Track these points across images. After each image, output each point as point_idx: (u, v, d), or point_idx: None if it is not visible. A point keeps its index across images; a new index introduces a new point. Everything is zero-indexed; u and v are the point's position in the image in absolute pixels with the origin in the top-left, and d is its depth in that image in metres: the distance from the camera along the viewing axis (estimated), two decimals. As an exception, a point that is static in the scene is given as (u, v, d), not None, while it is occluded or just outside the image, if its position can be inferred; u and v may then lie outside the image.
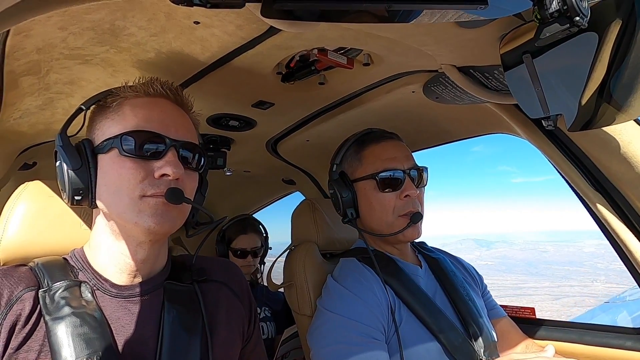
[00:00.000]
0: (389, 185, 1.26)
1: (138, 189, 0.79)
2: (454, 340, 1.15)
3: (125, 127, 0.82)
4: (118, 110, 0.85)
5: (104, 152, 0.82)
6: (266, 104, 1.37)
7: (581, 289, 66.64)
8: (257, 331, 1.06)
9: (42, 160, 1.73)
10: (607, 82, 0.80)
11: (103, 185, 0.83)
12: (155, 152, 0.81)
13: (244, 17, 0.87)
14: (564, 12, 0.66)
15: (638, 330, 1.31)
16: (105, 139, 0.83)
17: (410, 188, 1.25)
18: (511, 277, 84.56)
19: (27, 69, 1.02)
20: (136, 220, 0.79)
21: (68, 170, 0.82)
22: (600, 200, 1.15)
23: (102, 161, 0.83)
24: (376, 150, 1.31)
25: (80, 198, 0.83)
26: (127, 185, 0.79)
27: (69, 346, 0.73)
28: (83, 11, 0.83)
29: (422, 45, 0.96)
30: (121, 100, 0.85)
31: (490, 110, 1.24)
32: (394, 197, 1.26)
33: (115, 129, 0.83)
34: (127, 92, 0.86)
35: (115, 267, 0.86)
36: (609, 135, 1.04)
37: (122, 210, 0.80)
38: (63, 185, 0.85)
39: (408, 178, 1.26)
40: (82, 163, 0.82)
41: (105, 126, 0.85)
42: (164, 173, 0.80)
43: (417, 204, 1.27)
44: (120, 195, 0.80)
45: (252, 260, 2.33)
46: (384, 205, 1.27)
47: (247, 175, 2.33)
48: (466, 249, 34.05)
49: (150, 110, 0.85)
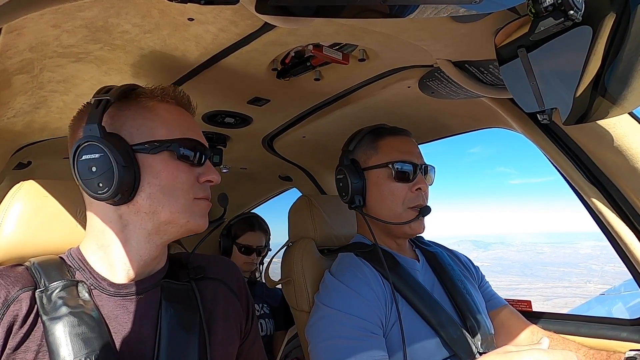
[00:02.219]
0: (403, 176, 1.30)
1: (192, 191, 0.86)
2: (452, 333, 1.16)
3: (172, 132, 0.86)
4: (154, 111, 0.86)
5: (151, 152, 0.83)
6: (262, 101, 1.37)
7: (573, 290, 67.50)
8: (255, 328, 1.07)
9: (36, 160, 1.72)
10: (601, 76, 0.80)
11: (156, 185, 0.83)
12: (201, 159, 0.88)
13: (239, 14, 0.87)
14: (559, 6, 0.67)
15: (633, 322, 1.32)
16: (153, 140, 0.83)
17: (423, 182, 1.30)
18: (506, 278, 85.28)
19: (20, 68, 1.01)
20: (188, 219, 0.86)
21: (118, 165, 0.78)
22: (595, 193, 1.16)
23: (148, 160, 0.83)
24: (393, 141, 1.35)
25: (121, 195, 0.80)
26: (182, 187, 0.85)
27: (66, 346, 0.73)
28: (76, 8, 0.82)
29: (418, 40, 0.96)
30: (154, 102, 0.87)
31: (485, 104, 1.25)
32: (405, 188, 1.30)
33: (162, 132, 0.85)
34: (157, 94, 0.89)
35: (115, 266, 0.85)
36: (603, 128, 1.04)
37: (176, 209, 0.84)
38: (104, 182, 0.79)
39: (421, 173, 1.31)
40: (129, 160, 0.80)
41: (144, 126, 0.84)
42: (209, 179, 0.89)
43: (425, 198, 1.32)
44: (176, 196, 0.84)
45: (256, 258, 2.35)
46: (395, 195, 1.30)
47: (244, 173, 2.32)
48: (464, 250, 34.83)
49: (186, 119, 0.91)
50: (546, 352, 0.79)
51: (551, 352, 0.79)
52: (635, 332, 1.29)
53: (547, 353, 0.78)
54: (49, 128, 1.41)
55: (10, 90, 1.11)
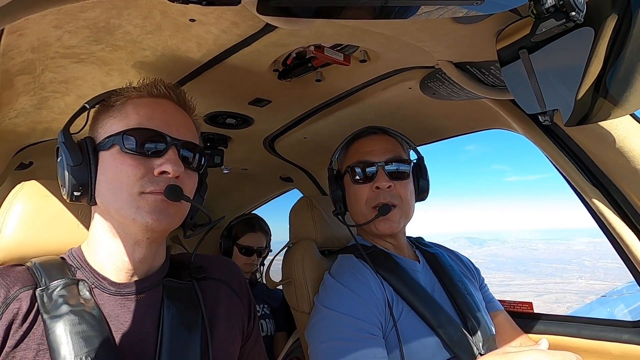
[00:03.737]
0: (361, 177, 1.30)
1: (137, 185, 0.80)
2: (453, 334, 1.15)
3: (127, 124, 0.83)
4: (121, 109, 0.86)
5: (105, 149, 0.83)
6: (263, 102, 1.37)
7: (564, 286, 67.53)
8: (257, 328, 1.07)
9: (38, 160, 1.72)
10: (603, 77, 0.80)
11: (103, 182, 0.83)
12: (156, 150, 0.82)
13: (240, 15, 0.87)
14: (560, 7, 0.67)
15: (635, 324, 1.32)
16: (107, 136, 0.83)
17: (382, 180, 1.27)
18: (499, 274, 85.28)
19: (22, 68, 1.01)
20: (134, 217, 0.80)
21: (68, 166, 0.82)
22: (597, 195, 1.16)
23: (103, 158, 0.84)
24: (357, 144, 1.36)
25: (80, 194, 0.83)
26: (126, 182, 0.80)
27: (67, 344, 0.73)
28: (78, 9, 0.82)
29: (419, 41, 0.96)
30: (124, 99, 0.87)
31: (487, 106, 1.25)
32: (367, 188, 1.29)
33: (117, 127, 0.83)
34: (131, 92, 0.87)
35: (113, 266, 0.86)
36: (605, 130, 1.04)
37: (120, 206, 0.81)
38: (63, 181, 0.85)
39: (381, 171, 1.28)
40: (83, 159, 0.83)
41: (107, 124, 0.86)
42: (163, 170, 0.81)
43: (390, 196, 1.28)
44: (120, 191, 0.80)
45: (256, 259, 2.35)
46: (357, 196, 1.32)
47: (245, 173, 2.32)
48: (459, 247, 34.73)
49: (152, 110, 0.86)
50: (546, 352, 0.79)
51: (551, 352, 0.79)
52: (637, 334, 1.29)
53: (547, 353, 0.79)
54: (50, 128, 1.42)
55: (12, 91, 1.11)
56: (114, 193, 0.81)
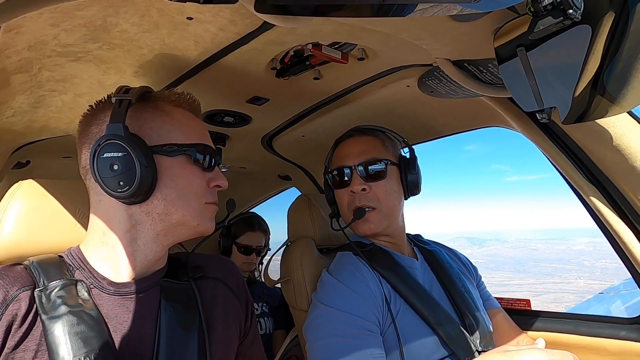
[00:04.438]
0: (339, 182, 1.34)
1: (204, 196, 0.90)
2: (451, 331, 1.16)
3: (189, 137, 0.89)
4: (171, 115, 0.89)
5: (169, 155, 0.85)
6: (261, 100, 1.37)
7: (563, 286, 67.93)
8: (255, 327, 1.07)
9: (35, 159, 1.72)
10: (600, 75, 0.80)
11: (172, 187, 0.85)
12: (210, 164, 0.92)
13: (238, 13, 0.87)
14: (558, 5, 0.67)
15: (632, 320, 1.32)
16: (171, 144, 0.85)
17: (355, 184, 1.29)
18: (498, 274, 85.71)
19: (19, 67, 1.01)
20: (199, 222, 0.89)
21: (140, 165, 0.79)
22: (594, 193, 1.16)
23: (166, 163, 0.85)
24: (338, 149, 1.39)
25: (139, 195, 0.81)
26: (197, 192, 0.88)
27: (66, 345, 0.73)
28: (74, 7, 0.82)
29: (417, 39, 0.96)
30: (170, 106, 0.90)
31: (485, 104, 1.25)
32: (346, 193, 1.32)
33: (180, 137, 0.87)
34: (173, 99, 0.92)
35: (122, 265, 0.85)
36: (602, 127, 1.05)
37: (188, 213, 0.87)
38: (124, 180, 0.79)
39: (355, 174, 1.30)
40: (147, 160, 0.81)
41: (162, 129, 0.87)
42: (218, 185, 0.93)
43: (366, 199, 1.29)
44: (190, 199, 0.87)
45: (255, 257, 2.35)
46: (340, 200, 1.36)
47: (243, 172, 2.32)
48: (458, 247, 34.68)
49: (198, 125, 0.94)
50: (545, 351, 0.80)
51: (550, 351, 0.80)
52: (634, 330, 1.29)
53: (547, 352, 0.79)
54: (47, 127, 1.41)
55: (9, 90, 1.10)
56: (185, 200, 0.86)
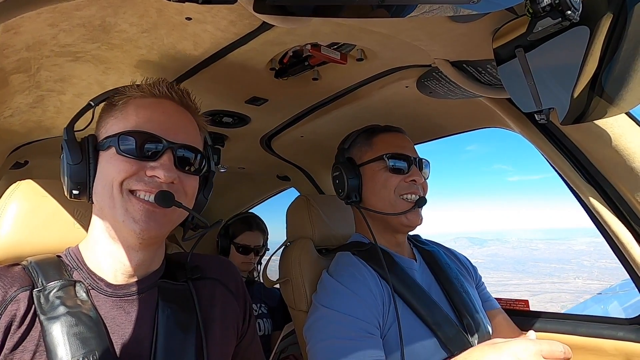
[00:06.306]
0: (398, 167, 1.32)
1: (126, 182, 0.81)
2: (449, 332, 1.16)
3: (125, 126, 0.83)
4: (123, 109, 0.86)
5: (103, 149, 0.84)
6: (260, 100, 1.37)
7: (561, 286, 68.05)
8: (253, 328, 1.07)
9: (34, 159, 1.71)
10: (598, 76, 0.80)
11: (98, 180, 0.84)
12: (152, 153, 0.82)
13: (237, 13, 0.87)
14: (556, 6, 0.67)
15: (630, 321, 1.33)
16: (106, 137, 0.84)
17: (417, 174, 1.31)
18: (497, 274, 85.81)
19: (17, 67, 1.00)
20: (123, 219, 0.80)
21: (69, 164, 0.83)
22: (592, 193, 1.16)
23: (101, 157, 0.84)
24: (387, 137, 1.38)
25: (78, 192, 0.84)
26: (117, 178, 0.80)
27: (64, 346, 0.73)
28: (73, 7, 0.82)
29: (416, 40, 0.96)
30: (127, 99, 0.87)
31: (483, 104, 1.25)
32: (399, 179, 1.31)
33: (117, 128, 0.84)
34: (134, 92, 0.87)
35: (110, 267, 0.85)
36: (601, 128, 1.05)
37: (111, 204, 0.81)
38: (63, 179, 0.85)
39: (415, 167, 1.32)
40: (83, 158, 0.83)
41: (109, 124, 0.86)
42: (154, 175, 0.81)
43: (423, 191, 1.33)
44: (110, 188, 0.81)
45: (253, 257, 2.35)
46: (388, 184, 1.31)
47: (242, 172, 2.32)
48: (459, 247, 34.56)
49: (152, 111, 0.86)
50: (533, 341, 0.80)
51: (538, 341, 0.80)
52: (632, 331, 1.30)
53: (535, 342, 0.79)
54: (46, 127, 1.41)
55: (7, 90, 1.10)
56: (105, 191, 0.82)
